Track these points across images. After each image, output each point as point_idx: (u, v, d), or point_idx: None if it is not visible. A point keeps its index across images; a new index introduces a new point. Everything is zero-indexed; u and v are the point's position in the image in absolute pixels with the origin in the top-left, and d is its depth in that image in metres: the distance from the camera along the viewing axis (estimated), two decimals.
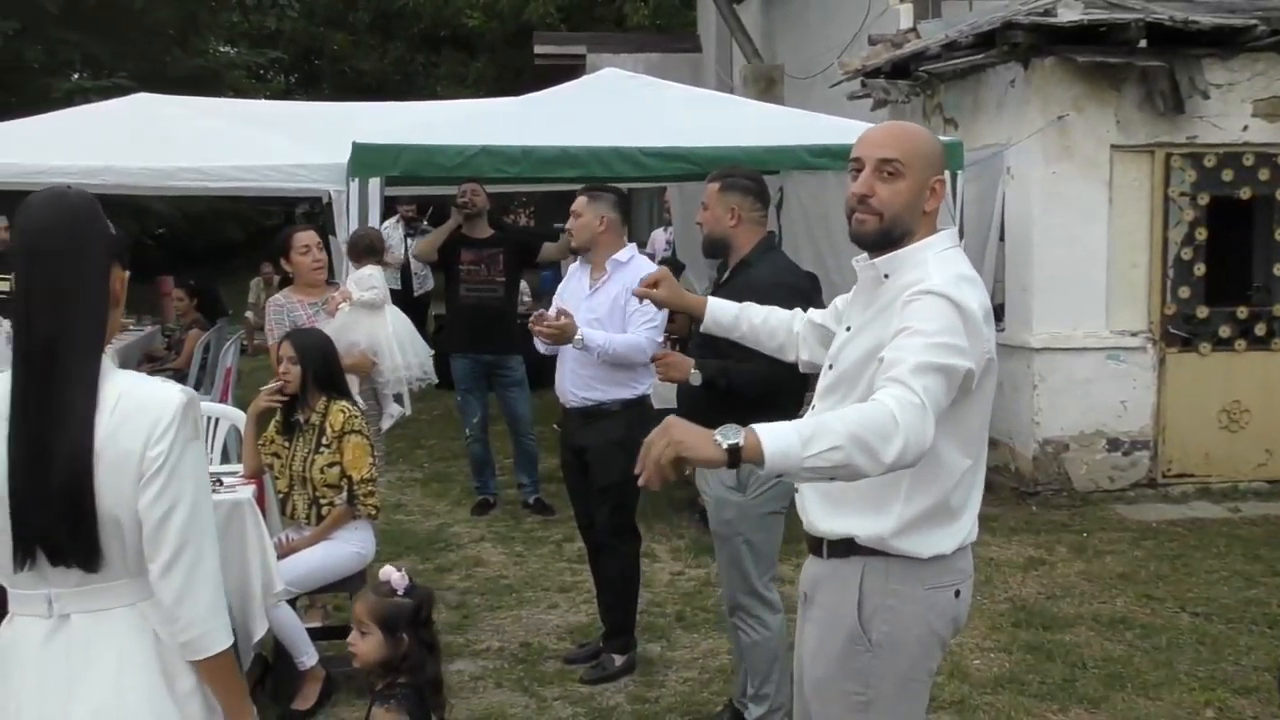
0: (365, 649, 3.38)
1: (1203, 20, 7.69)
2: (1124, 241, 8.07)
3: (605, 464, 5.04)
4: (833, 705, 2.80)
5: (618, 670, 5.14)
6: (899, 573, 2.72)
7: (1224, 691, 4.96)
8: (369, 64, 28.00)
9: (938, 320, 2.53)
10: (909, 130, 2.83)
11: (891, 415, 2.36)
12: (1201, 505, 7.92)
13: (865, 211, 2.71)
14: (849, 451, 2.32)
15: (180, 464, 2.29)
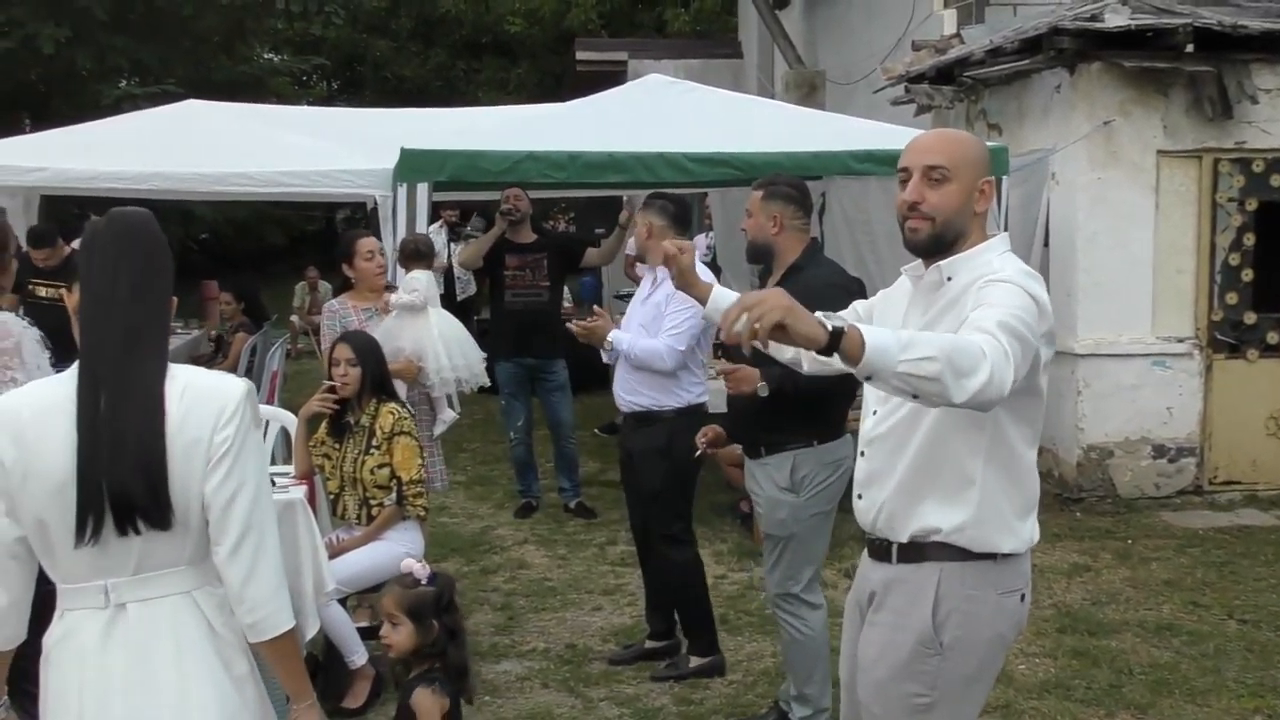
0: (399, 640, 3.54)
1: (1251, 25, 7.64)
2: (1170, 247, 8.03)
3: (648, 470, 5.10)
4: (893, 707, 2.83)
5: (691, 671, 5.17)
6: (973, 577, 2.77)
7: (1273, 699, 4.94)
8: (410, 70, 28.21)
9: (1015, 300, 2.57)
10: (953, 136, 2.87)
11: (980, 349, 2.38)
12: (1249, 513, 7.87)
13: (917, 219, 2.76)
14: (941, 366, 2.31)
15: (244, 449, 2.44)
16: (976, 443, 2.70)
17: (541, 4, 24.78)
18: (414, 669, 3.56)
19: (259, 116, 10.59)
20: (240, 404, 2.46)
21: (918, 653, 2.78)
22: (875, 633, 2.89)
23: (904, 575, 2.83)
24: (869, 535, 2.94)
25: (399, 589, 3.59)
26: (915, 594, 2.80)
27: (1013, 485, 2.76)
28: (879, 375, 2.34)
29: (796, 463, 4.32)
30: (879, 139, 7.45)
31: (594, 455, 9.48)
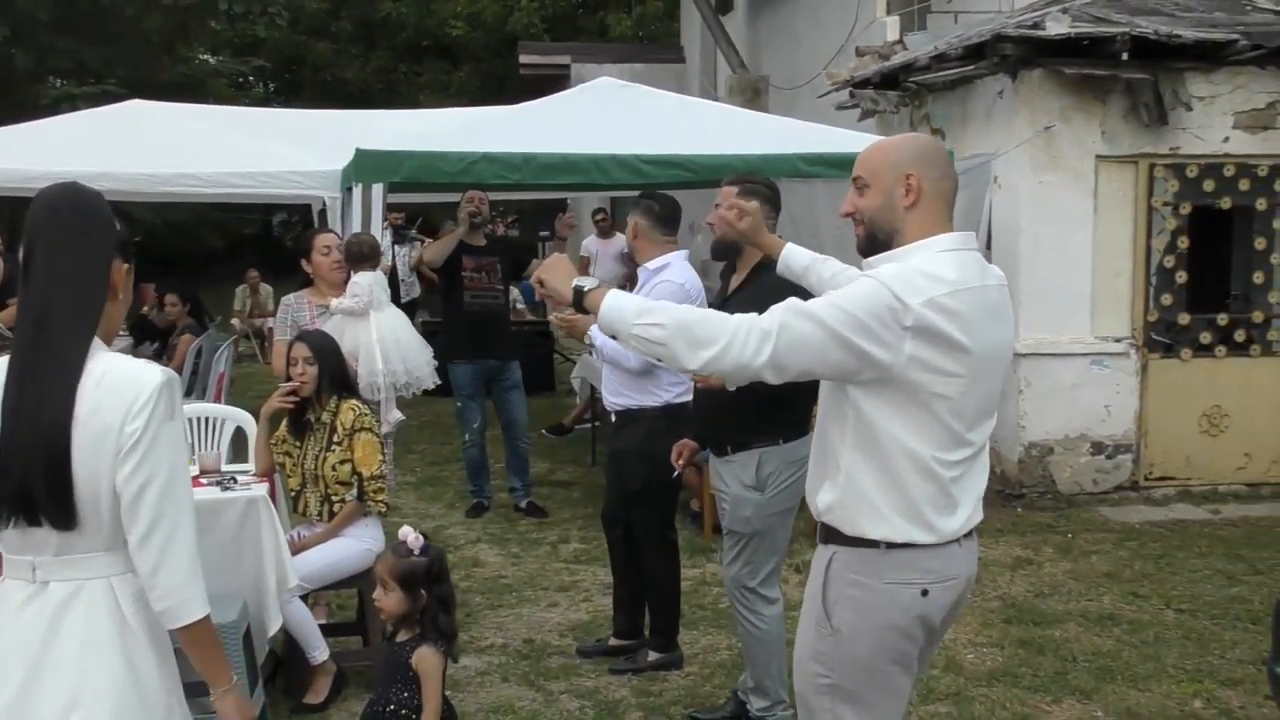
0: (389, 604, 3.72)
1: (1186, 34, 7.87)
2: (1108, 250, 8.24)
3: (626, 470, 5.20)
4: (804, 685, 2.96)
5: (650, 665, 5.25)
6: (858, 563, 2.84)
7: (1211, 683, 5.11)
8: (351, 73, 28.11)
9: (856, 290, 2.71)
10: (875, 146, 3.02)
11: (729, 324, 2.64)
12: (1183, 507, 8.09)
13: (856, 225, 2.94)
14: (670, 333, 2.64)
15: (157, 440, 2.39)
16: (841, 429, 2.83)
17: (484, 8, 24.83)
18: (401, 633, 3.74)
19: (205, 117, 10.54)
20: (154, 394, 2.38)
21: (817, 633, 2.90)
22: (802, 612, 3.05)
23: (817, 555, 2.98)
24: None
25: (392, 556, 3.74)
26: (815, 575, 2.95)
27: (883, 475, 2.79)
28: (619, 335, 2.71)
29: (762, 461, 4.40)
30: (828, 142, 7.59)
31: (543, 456, 9.54)
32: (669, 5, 23.35)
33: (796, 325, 2.64)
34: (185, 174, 8.78)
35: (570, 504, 8.25)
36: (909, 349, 2.67)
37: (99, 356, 2.40)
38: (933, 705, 4.87)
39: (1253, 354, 8.41)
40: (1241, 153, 8.23)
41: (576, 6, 26.36)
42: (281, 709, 4.86)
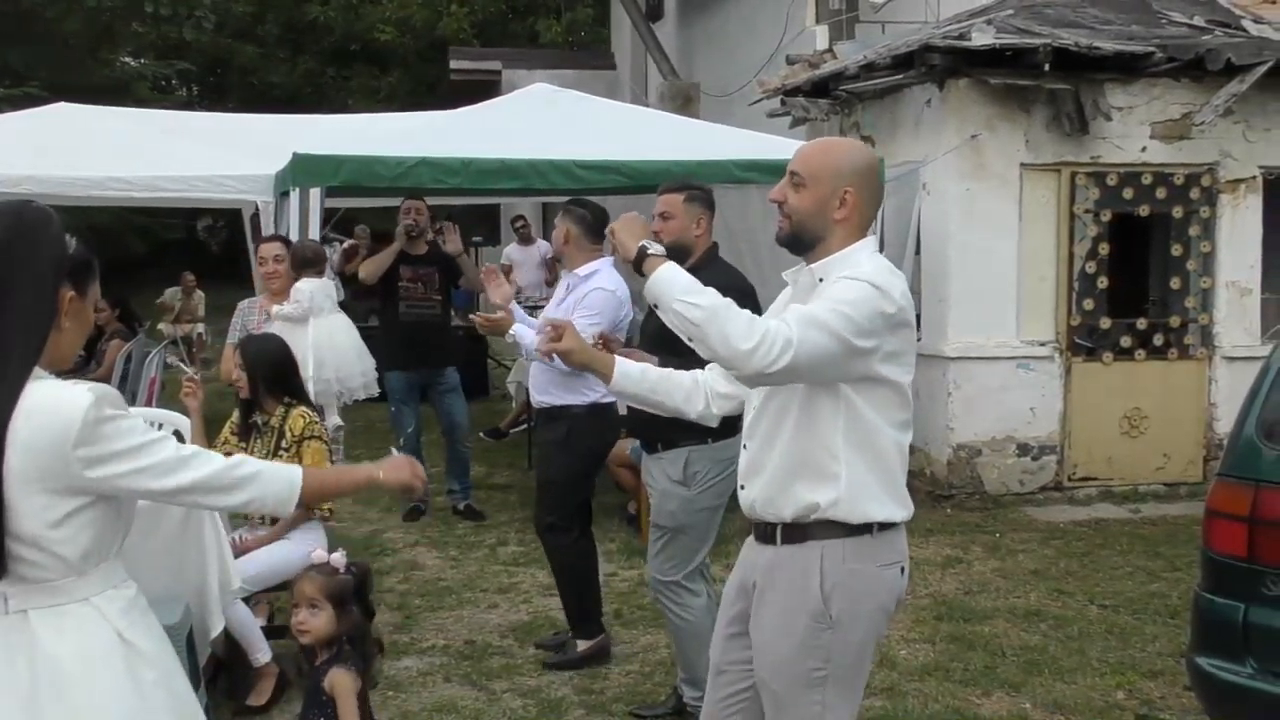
0: (319, 625, 3.60)
1: (1105, 46, 8.11)
2: (1033, 255, 8.45)
3: (545, 460, 5.33)
4: (795, 683, 2.98)
5: (580, 657, 5.33)
6: (853, 552, 2.96)
7: (1133, 675, 5.28)
8: (279, 77, 27.86)
9: (851, 295, 2.81)
10: (820, 147, 3.11)
11: (758, 326, 2.70)
12: (1104, 507, 8.32)
13: (780, 216, 3.04)
14: (708, 316, 2.71)
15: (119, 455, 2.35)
16: (835, 424, 2.91)
17: (413, 12, 24.72)
18: (320, 655, 3.65)
19: (134, 120, 10.46)
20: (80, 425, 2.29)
21: (811, 628, 2.95)
22: (768, 613, 3.04)
23: (789, 555, 3.00)
24: (754, 521, 3.10)
25: (320, 576, 3.66)
26: (802, 572, 2.97)
27: (876, 461, 2.95)
28: (661, 304, 2.78)
29: (690, 458, 4.48)
30: (762, 149, 7.71)
31: (481, 459, 9.56)
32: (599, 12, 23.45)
33: (815, 337, 2.72)
34: (114, 177, 8.71)
35: (508, 507, 8.29)
36: (889, 344, 2.86)
37: (30, 389, 2.31)
38: (867, 700, 4.96)
39: (1170, 357, 8.67)
40: (1158, 161, 8.49)
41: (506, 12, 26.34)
42: (224, 711, 4.85)
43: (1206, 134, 8.45)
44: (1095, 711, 4.91)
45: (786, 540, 3.00)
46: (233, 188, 8.74)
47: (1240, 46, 8.33)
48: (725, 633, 3.20)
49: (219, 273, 28.33)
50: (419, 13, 24.61)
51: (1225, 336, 8.65)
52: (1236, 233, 8.62)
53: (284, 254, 6.26)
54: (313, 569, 3.70)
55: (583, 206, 5.33)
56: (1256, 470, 3.82)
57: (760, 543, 3.10)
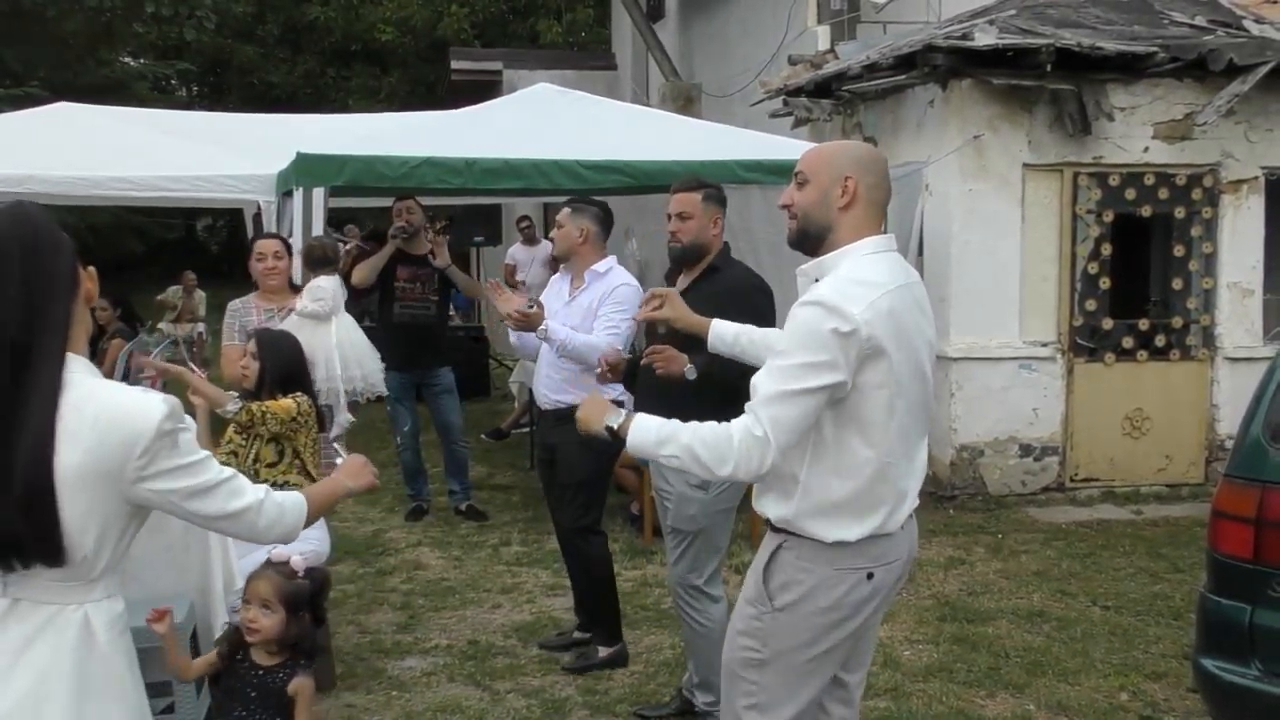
0: (269, 625, 3.54)
1: (1107, 47, 8.11)
2: (1035, 256, 8.45)
3: (570, 463, 5.22)
4: (733, 657, 3.14)
5: (600, 661, 5.32)
6: (808, 551, 3.03)
7: (1136, 676, 5.27)
8: (278, 77, 27.86)
9: (800, 338, 2.87)
10: (820, 148, 3.22)
11: (731, 440, 2.86)
12: (1106, 508, 8.32)
13: (788, 217, 3.11)
14: (686, 461, 2.92)
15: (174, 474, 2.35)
16: (802, 447, 2.95)
17: (413, 13, 24.73)
18: (262, 656, 3.59)
19: (135, 119, 10.44)
20: (154, 435, 2.29)
21: (752, 607, 3.09)
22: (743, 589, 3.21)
23: (766, 539, 3.16)
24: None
25: (277, 577, 3.59)
26: (760, 558, 3.13)
27: (843, 480, 2.96)
28: (648, 459, 3.05)
29: None
30: (764, 149, 7.70)
31: (482, 460, 9.56)
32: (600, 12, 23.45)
33: (784, 413, 2.84)
34: (115, 177, 8.68)
35: (510, 507, 8.29)
36: (854, 356, 2.86)
37: (88, 390, 2.30)
38: (871, 700, 4.97)
39: (1172, 358, 8.67)
40: (1160, 162, 8.49)
41: (506, 12, 26.34)
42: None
43: (1208, 134, 8.45)
44: (1099, 713, 4.91)
45: (769, 529, 3.14)
46: (234, 187, 8.72)
47: (1242, 47, 8.33)
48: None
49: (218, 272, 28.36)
50: (419, 13, 24.62)
51: (1227, 337, 8.65)
52: (1238, 233, 8.62)
53: (284, 251, 6.24)
54: (271, 568, 3.64)
55: (596, 205, 5.31)
56: (1263, 471, 3.81)
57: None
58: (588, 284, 5.22)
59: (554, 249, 5.42)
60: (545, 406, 5.38)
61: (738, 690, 3.12)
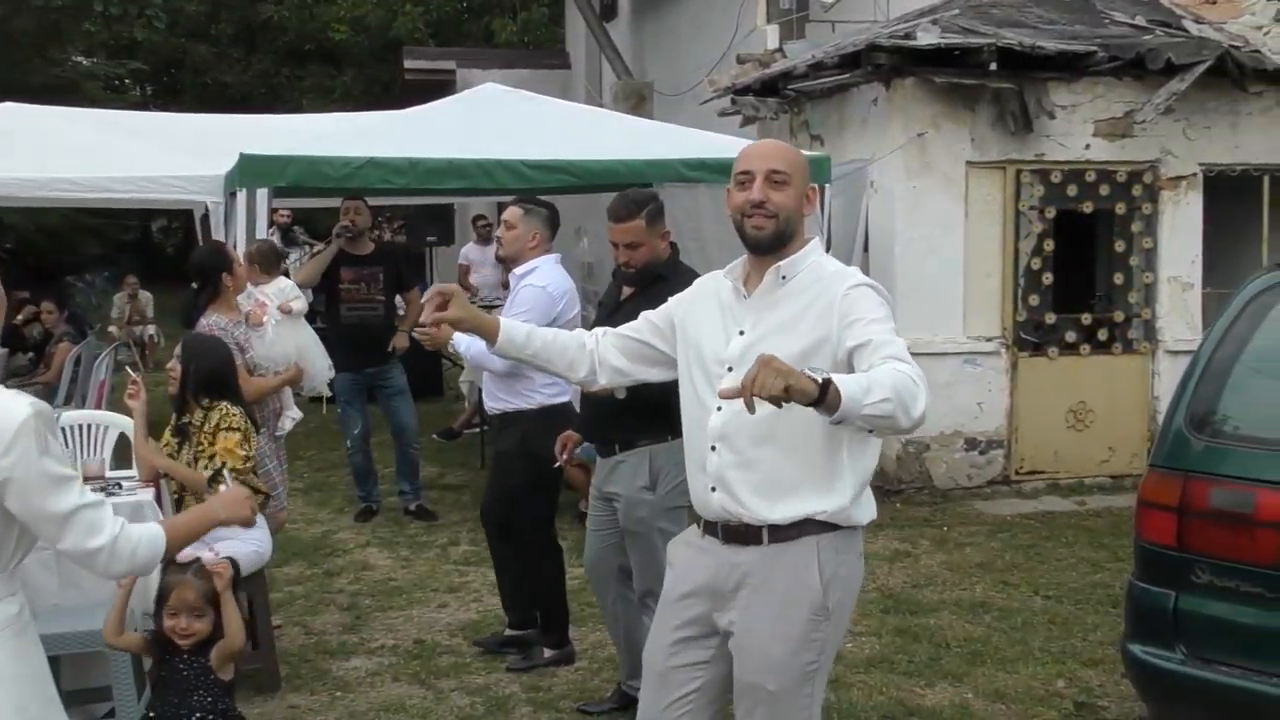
0: (202, 628, 3.60)
1: (1048, 46, 8.22)
2: (979, 252, 8.55)
3: (505, 469, 5.28)
4: (792, 679, 2.98)
5: (545, 661, 5.35)
6: (844, 543, 3.02)
7: (1073, 664, 5.37)
8: (232, 76, 27.69)
9: (884, 309, 2.91)
10: (788, 147, 3.24)
11: (913, 380, 2.66)
12: (1051, 500, 8.44)
13: (762, 216, 3.01)
14: (895, 404, 2.60)
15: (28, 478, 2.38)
16: (840, 435, 2.90)
17: (367, 12, 24.64)
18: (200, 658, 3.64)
19: (83, 120, 10.37)
20: (16, 433, 2.35)
21: (811, 622, 2.96)
22: (762, 613, 2.99)
23: (781, 552, 2.99)
24: (729, 523, 3.06)
25: (198, 580, 3.61)
26: (801, 566, 2.97)
27: (869, 466, 3.05)
28: (847, 418, 2.59)
29: (653, 457, 4.45)
30: (710, 148, 7.76)
31: (433, 460, 9.57)
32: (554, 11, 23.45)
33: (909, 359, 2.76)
34: (62, 179, 8.63)
35: (460, 507, 8.30)
36: None
37: None
38: None
39: (1115, 352, 8.80)
40: (1101, 159, 8.62)
41: (461, 12, 26.31)
42: None
43: (1148, 132, 8.58)
44: (1035, 700, 4.99)
45: (775, 539, 2.99)
46: (182, 189, 8.69)
47: (1180, 46, 8.47)
48: (674, 637, 3.14)
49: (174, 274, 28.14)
50: (373, 12, 24.53)
51: (1168, 331, 8.78)
52: (1178, 229, 8.76)
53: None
54: (187, 572, 3.62)
55: (545, 206, 5.32)
56: (1186, 461, 3.90)
57: (732, 543, 3.06)
58: (514, 287, 5.27)
59: (502, 250, 5.36)
60: (492, 411, 5.41)
61: (790, 710, 3.00)
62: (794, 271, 3.02)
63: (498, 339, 3.29)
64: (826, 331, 2.91)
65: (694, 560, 3.15)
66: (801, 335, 2.95)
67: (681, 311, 3.25)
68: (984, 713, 4.88)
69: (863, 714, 4.85)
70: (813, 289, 2.99)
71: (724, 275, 3.15)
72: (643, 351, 3.33)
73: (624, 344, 3.35)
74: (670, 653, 3.14)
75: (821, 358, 2.86)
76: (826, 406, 2.54)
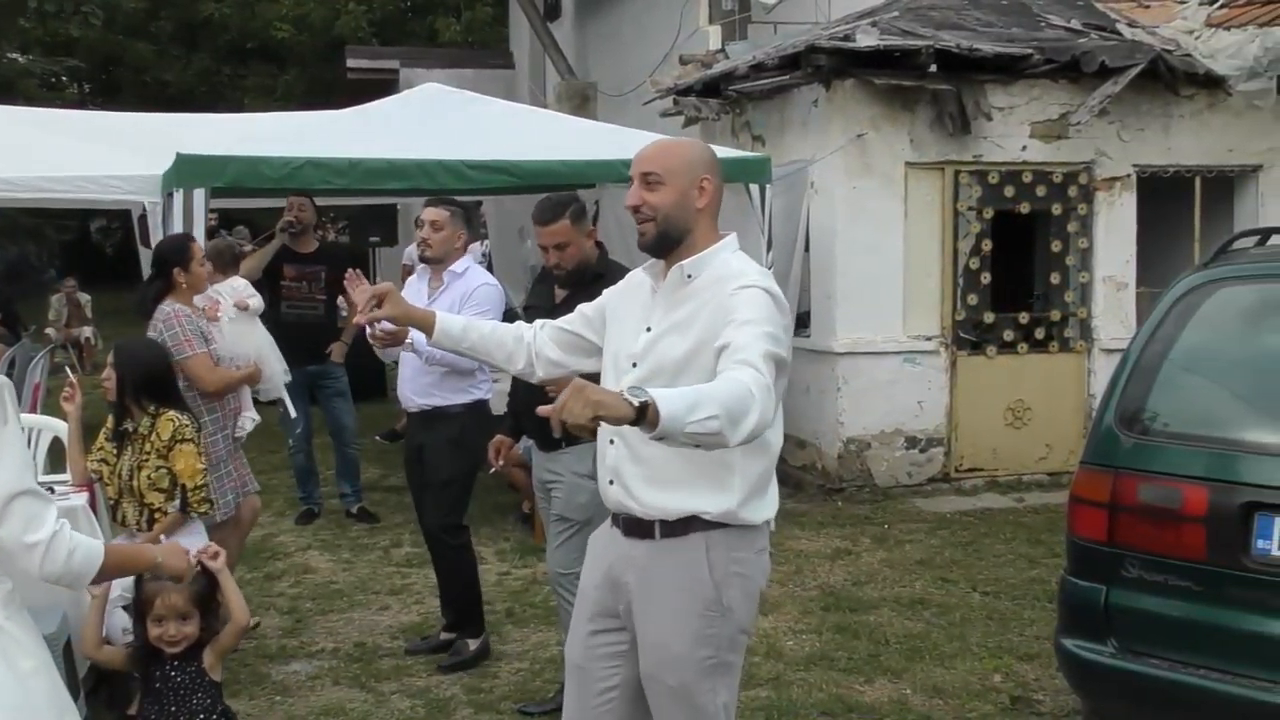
0: (190, 632, 3.55)
1: (985, 48, 8.32)
2: (919, 252, 8.63)
3: (438, 461, 5.26)
4: (691, 675, 3.00)
5: (474, 655, 5.36)
6: (737, 541, 3.03)
7: (1010, 659, 5.44)
8: (172, 75, 27.32)
9: (764, 311, 2.88)
10: (666, 144, 3.17)
11: (750, 391, 2.64)
12: (990, 496, 8.54)
13: (641, 220, 3.05)
14: (722, 421, 2.57)
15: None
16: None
17: (309, 10, 24.42)
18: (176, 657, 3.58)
19: (19, 118, 10.19)
20: None
21: (706, 618, 2.99)
22: (655, 608, 3.03)
23: (672, 548, 3.01)
24: (624, 515, 3.10)
25: (183, 586, 3.52)
26: (691, 563, 3.00)
27: (762, 457, 3.03)
28: (668, 437, 2.55)
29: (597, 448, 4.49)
30: None
31: (375, 461, 9.52)
32: (498, 11, 23.38)
33: (771, 369, 2.76)
34: None
35: (402, 508, 8.23)
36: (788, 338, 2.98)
37: None
38: (753, 690, 5.07)
39: (1052, 350, 8.93)
40: (1038, 160, 8.74)
41: (405, 11, 26.16)
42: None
43: (1083, 134, 8.71)
44: (972, 694, 5.06)
45: (666, 534, 3.02)
46: (120, 188, 8.55)
47: (1114, 49, 8.60)
48: (588, 628, 3.18)
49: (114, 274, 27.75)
50: (316, 11, 24.32)
51: (1103, 329, 8.92)
52: (1112, 229, 8.89)
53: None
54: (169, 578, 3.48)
55: (461, 205, 5.36)
56: (1115, 458, 3.98)
57: (630, 536, 3.09)
58: (446, 285, 5.27)
59: (432, 251, 5.29)
60: (412, 410, 5.39)
61: (695, 705, 3.01)
62: (699, 270, 3.03)
63: (434, 332, 3.31)
64: (714, 330, 2.92)
65: (603, 551, 3.20)
66: (692, 334, 2.97)
67: (611, 304, 3.29)
68: (922, 708, 4.93)
69: (803, 711, 4.88)
70: (713, 288, 2.99)
71: (644, 271, 3.19)
72: (576, 343, 3.36)
73: (558, 336, 3.39)
74: (586, 645, 3.18)
75: (706, 356, 2.89)
76: (647, 424, 2.52)
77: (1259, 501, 3.61)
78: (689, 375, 2.91)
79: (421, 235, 5.36)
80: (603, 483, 3.16)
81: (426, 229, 5.29)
